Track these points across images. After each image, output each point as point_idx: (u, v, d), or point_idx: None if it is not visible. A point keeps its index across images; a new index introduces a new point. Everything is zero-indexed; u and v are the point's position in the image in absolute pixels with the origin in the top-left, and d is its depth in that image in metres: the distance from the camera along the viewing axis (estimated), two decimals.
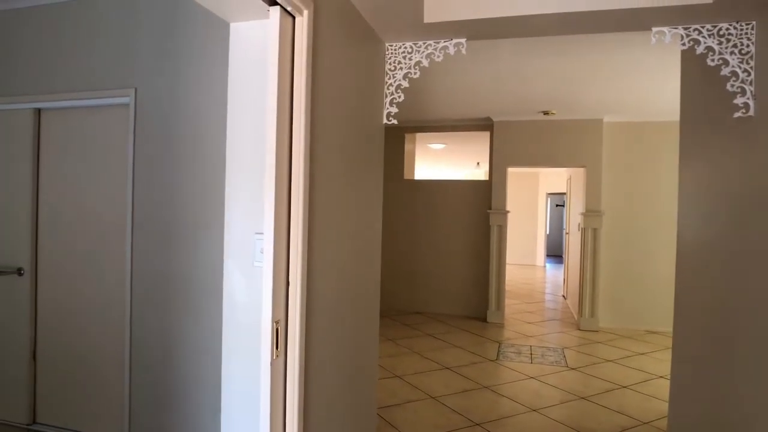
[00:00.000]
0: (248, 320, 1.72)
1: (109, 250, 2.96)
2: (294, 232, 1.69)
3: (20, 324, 3.16)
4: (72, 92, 2.99)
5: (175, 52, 2.71)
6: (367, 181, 2.55)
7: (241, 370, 1.73)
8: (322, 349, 1.99)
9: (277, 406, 1.64)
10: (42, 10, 3.08)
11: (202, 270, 2.64)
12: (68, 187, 3.09)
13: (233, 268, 1.74)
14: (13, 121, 3.18)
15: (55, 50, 3.05)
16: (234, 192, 1.74)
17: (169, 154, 2.73)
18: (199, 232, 2.64)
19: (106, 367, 2.96)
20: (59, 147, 3.12)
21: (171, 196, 2.72)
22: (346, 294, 2.27)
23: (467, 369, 4.58)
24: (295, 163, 1.69)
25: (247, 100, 1.72)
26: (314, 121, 1.81)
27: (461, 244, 6.92)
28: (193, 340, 2.67)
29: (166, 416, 2.73)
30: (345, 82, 2.15)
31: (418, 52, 2.62)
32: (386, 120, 2.69)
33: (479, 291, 6.78)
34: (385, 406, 3.64)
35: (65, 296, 3.09)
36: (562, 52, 3.72)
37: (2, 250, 3.22)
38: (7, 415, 3.19)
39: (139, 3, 2.82)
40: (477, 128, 6.85)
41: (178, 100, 2.71)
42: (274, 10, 1.58)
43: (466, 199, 6.93)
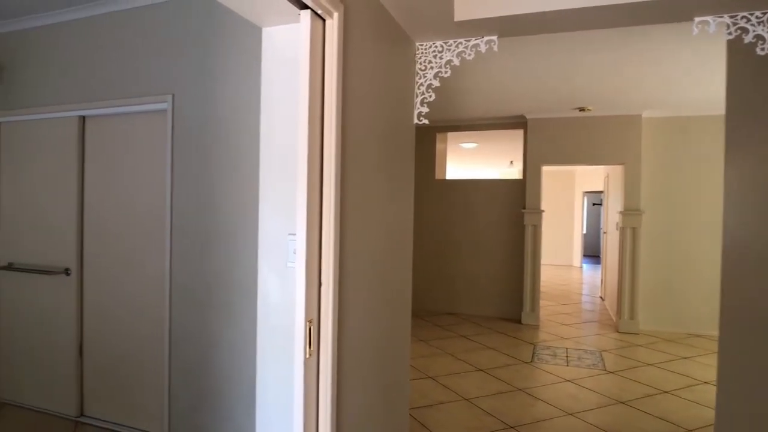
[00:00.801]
0: (282, 320, 1.74)
1: (149, 251, 3.06)
2: (326, 232, 1.71)
3: (68, 321, 3.30)
4: (113, 99, 3.10)
5: (210, 57, 2.78)
6: (398, 182, 2.55)
7: (275, 369, 1.75)
8: (354, 349, 2.00)
9: (310, 405, 1.66)
10: (83, 23, 3.21)
11: (237, 270, 2.69)
12: (110, 190, 3.21)
13: (267, 269, 1.77)
14: (60, 128, 3.33)
15: (96, 60, 3.17)
16: (267, 194, 1.77)
17: (205, 158, 2.80)
18: (235, 233, 2.69)
19: (147, 364, 3.05)
20: (102, 152, 3.24)
21: (207, 198, 2.79)
22: (377, 294, 2.27)
23: (501, 371, 4.52)
24: (326, 165, 1.71)
25: (279, 104, 1.75)
26: (345, 122, 1.83)
27: (495, 245, 6.84)
28: (229, 339, 2.72)
29: (204, 413, 2.80)
30: (375, 83, 2.16)
31: (448, 50, 2.60)
32: (417, 120, 2.68)
33: (513, 292, 6.69)
34: (417, 407, 3.63)
35: (109, 296, 3.21)
36: (598, 46, 3.63)
37: (51, 251, 3.37)
38: (59, 408, 3.34)
39: (174, 12, 2.90)
40: (510, 126, 6.76)
41: (213, 105, 2.77)
42: (304, 14, 1.60)
43: (500, 198, 6.84)
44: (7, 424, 3.21)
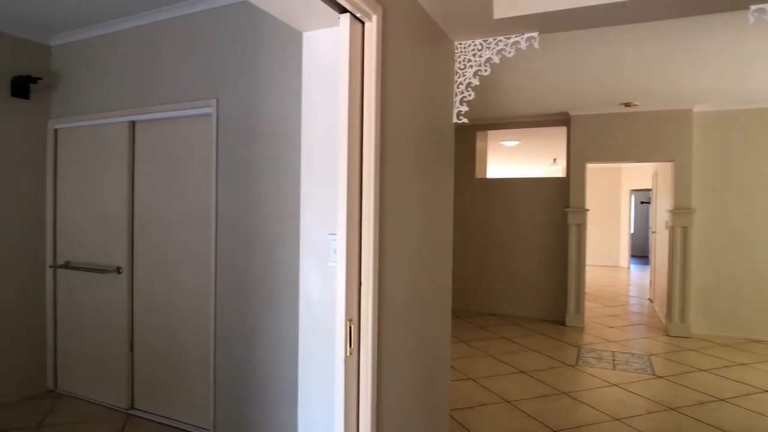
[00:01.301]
0: (323, 318, 1.77)
1: (195, 250, 3.17)
2: (365, 232, 1.73)
3: (119, 317, 3.46)
4: (161, 105, 3.23)
5: (253, 62, 2.85)
6: (438, 181, 2.54)
7: (317, 366, 1.79)
8: (394, 348, 2.01)
9: (351, 402, 1.68)
10: (133, 33, 3.36)
11: (279, 269, 2.75)
12: (158, 192, 3.34)
13: (308, 268, 1.80)
14: (112, 133, 3.49)
15: (145, 67, 3.31)
16: (308, 194, 1.81)
17: (248, 159, 2.88)
18: (278, 233, 2.76)
19: (194, 359, 3.16)
20: (150, 156, 3.38)
21: (251, 198, 2.87)
22: (417, 294, 2.28)
23: (544, 373, 4.44)
24: (366, 166, 1.73)
25: (319, 106, 1.78)
26: (384, 123, 1.84)
27: (537, 244, 6.71)
28: (271, 337, 2.79)
29: (248, 407, 2.88)
30: (414, 83, 2.17)
31: (488, 48, 2.58)
32: (456, 119, 2.67)
33: (557, 293, 6.54)
34: (457, 409, 3.61)
35: (157, 294, 3.34)
36: (646, 39, 3.50)
37: (104, 250, 3.54)
38: (111, 400, 3.51)
39: (218, 19, 3.00)
40: (553, 123, 6.61)
41: (256, 108, 2.85)
42: (344, 18, 1.63)
43: (542, 197, 6.71)
44: (65, 414, 3.40)
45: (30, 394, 3.69)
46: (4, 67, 3.48)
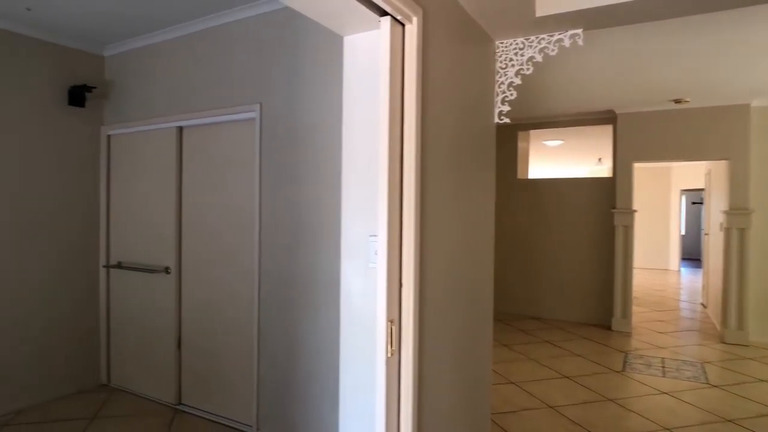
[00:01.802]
0: (364, 319, 1.78)
1: (240, 251, 3.25)
2: (406, 234, 1.73)
3: (168, 316, 3.59)
4: (207, 110, 3.33)
5: (295, 67, 2.91)
6: (479, 182, 2.52)
7: (358, 366, 1.80)
8: (435, 350, 2.00)
9: (392, 403, 1.69)
10: (179, 41, 3.48)
11: (321, 269, 2.79)
12: (205, 195, 3.44)
13: (349, 269, 1.82)
14: (161, 138, 3.63)
15: (192, 75, 3.42)
16: (349, 196, 1.82)
17: (290, 162, 2.93)
18: (319, 234, 2.80)
19: (238, 357, 3.24)
20: (197, 160, 3.49)
21: (293, 200, 2.92)
22: (457, 296, 2.26)
23: (589, 379, 4.31)
24: (406, 167, 1.73)
25: (360, 109, 1.79)
26: (424, 124, 1.84)
27: (582, 246, 6.53)
28: (313, 336, 2.83)
29: (290, 405, 2.93)
30: (454, 84, 2.15)
31: (530, 47, 2.53)
32: (498, 119, 2.64)
33: (603, 297, 6.35)
34: (499, 413, 3.56)
35: (203, 293, 3.45)
36: (698, 31, 3.36)
37: (154, 251, 3.68)
38: (160, 395, 3.64)
39: (261, 26, 3.07)
40: (598, 122, 6.43)
41: (298, 111, 2.90)
42: (384, 21, 1.64)
43: (587, 197, 6.53)
44: (117, 407, 3.55)
45: (85, 387, 3.87)
46: (63, 78, 3.68)
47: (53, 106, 3.63)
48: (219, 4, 3.08)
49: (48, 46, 3.59)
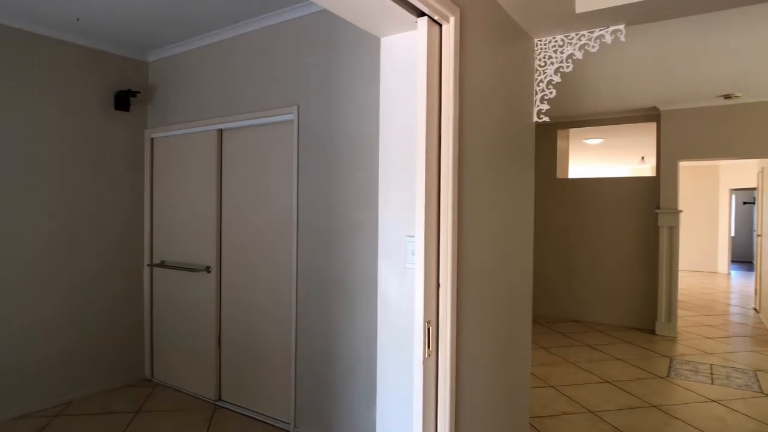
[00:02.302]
0: (401, 319, 1.78)
1: (278, 251, 3.30)
2: (444, 235, 1.72)
3: (208, 314, 3.68)
4: (246, 113, 3.40)
5: (332, 69, 2.93)
6: (517, 182, 2.48)
7: (395, 366, 1.80)
8: (472, 351, 1.98)
9: (429, 404, 1.68)
10: (219, 46, 3.56)
11: (358, 269, 2.81)
12: (244, 195, 3.52)
13: (387, 269, 1.82)
14: (202, 141, 3.73)
15: (232, 78, 3.50)
16: (386, 196, 1.83)
17: (327, 162, 2.96)
18: (356, 234, 2.81)
19: (276, 355, 3.30)
20: (237, 161, 3.56)
21: (330, 201, 2.95)
22: (495, 297, 2.23)
23: (631, 384, 4.18)
24: (443, 167, 1.72)
25: (397, 109, 1.79)
26: (462, 124, 1.83)
27: (624, 248, 6.34)
28: (350, 336, 2.85)
29: (327, 404, 2.96)
30: (492, 83, 2.13)
31: (570, 44, 2.48)
32: (537, 118, 2.59)
33: (646, 300, 6.15)
34: (537, 416, 3.49)
35: (243, 292, 3.52)
36: (748, 23, 3.21)
37: (195, 250, 3.78)
38: (200, 391, 3.74)
39: (299, 29, 3.11)
40: (641, 119, 6.23)
41: (335, 113, 2.92)
42: (421, 21, 1.63)
43: (630, 197, 6.34)
44: (160, 401, 3.67)
45: (131, 381, 4.02)
46: (109, 83, 3.83)
47: (100, 110, 3.79)
48: (257, 9, 3.15)
49: (95, 53, 3.74)
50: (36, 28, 3.39)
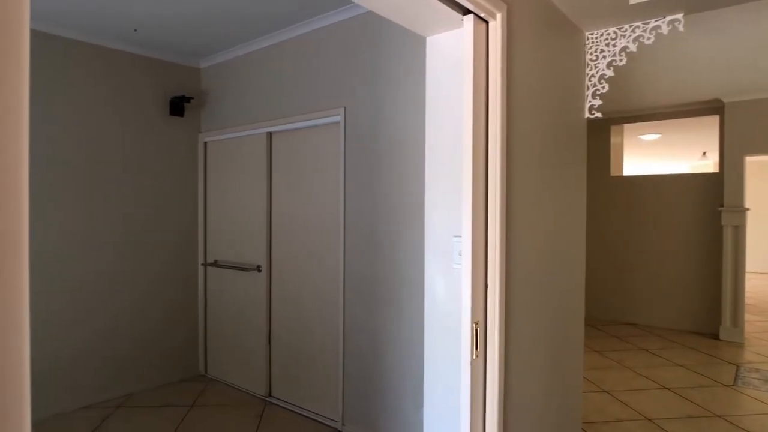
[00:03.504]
0: (448, 319, 1.77)
1: (326, 250, 3.35)
2: (491, 235, 1.69)
3: (259, 312, 3.78)
4: (294, 116, 3.47)
5: (377, 69, 2.95)
6: (568, 181, 2.40)
7: (442, 367, 1.79)
8: (521, 353, 1.94)
9: (477, 406, 1.66)
10: (268, 51, 3.65)
11: (405, 269, 2.80)
12: (293, 196, 3.59)
13: (433, 269, 1.81)
14: (252, 144, 3.83)
15: (280, 82, 3.58)
16: (433, 196, 1.82)
17: (374, 163, 2.97)
18: (402, 234, 2.81)
19: (324, 355, 3.34)
20: (285, 163, 3.64)
21: (377, 200, 2.96)
22: (545, 298, 2.18)
23: (693, 392, 3.97)
24: (491, 166, 1.69)
25: (443, 109, 1.78)
26: (510, 123, 1.79)
27: (684, 248, 6.04)
28: (397, 335, 2.85)
29: (374, 403, 2.97)
30: (541, 80, 2.07)
31: (623, 36, 2.38)
32: (588, 114, 2.51)
33: (709, 303, 5.82)
34: (590, 422, 3.38)
35: (292, 291, 3.59)
36: None
37: (247, 250, 3.89)
38: (251, 387, 3.85)
39: (344, 31, 3.14)
40: (702, 113, 5.91)
41: (381, 113, 2.93)
42: (467, 19, 1.61)
43: (690, 195, 6.02)
44: (213, 396, 3.79)
45: (186, 377, 4.18)
46: (165, 90, 4.00)
47: (157, 116, 3.96)
48: (304, 14, 3.20)
49: (152, 61, 3.91)
50: (98, 40, 3.58)
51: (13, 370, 0.65)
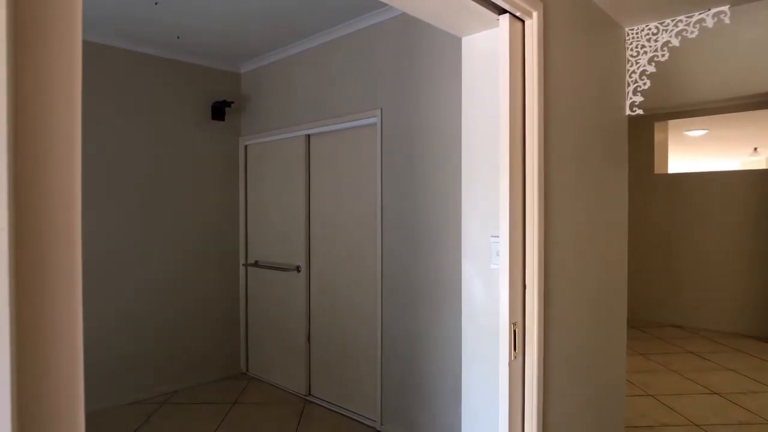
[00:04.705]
0: (486, 320, 1.76)
1: (364, 251, 3.38)
2: (529, 234, 1.68)
3: (298, 311, 3.85)
4: (332, 118, 3.52)
5: (412, 71, 2.96)
6: (609, 179, 2.36)
7: (480, 368, 1.78)
8: (561, 355, 1.91)
9: (515, 408, 1.65)
10: (306, 54, 3.71)
11: (442, 269, 2.81)
12: (331, 197, 3.64)
13: (470, 270, 1.81)
14: (291, 146, 3.91)
15: (317, 85, 3.64)
16: (470, 196, 1.82)
17: (410, 165, 2.99)
18: (439, 234, 2.82)
19: (362, 355, 3.38)
20: (323, 165, 3.70)
21: (413, 202, 2.97)
22: (586, 299, 2.14)
23: (745, 398, 3.81)
24: (528, 166, 1.68)
25: (479, 109, 1.78)
26: (547, 121, 1.77)
27: (734, 247, 5.79)
28: (434, 335, 2.85)
29: (412, 403, 2.98)
30: (579, 78, 2.04)
31: (665, 31, 2.31)
32: (630, 111, 2.45)
33: (762, 305, 5.56)
34: (634, 426, 3.29)
35: (330, 292, 3.64)
36: None
37: (286, 251, 3.97)
38: (292, 386, 3.92)
39: (380, 33, 3.17)
40: (753, 106, 5.65)
41: (417, 114, 2.95)
42: (503, 18, 1.61)
43: (741, 192, 5.77)
44: (254, 394, 3.89)
45: (228, 375, 4.30)
46: (206, 95, 4.13)
47: (199, 121, 4.09)
48: (340, 17, 3.25)
49: (194, 68, 4.05)
50: (141, 48, 3.74)
51: (70, 370, 0.70)
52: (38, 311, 0.65)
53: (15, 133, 0.61)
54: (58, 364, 0.67)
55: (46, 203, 0.65)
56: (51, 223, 0.66)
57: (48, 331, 0.66)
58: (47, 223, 0.66)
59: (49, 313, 0.66)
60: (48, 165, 0.66)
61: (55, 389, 0.67)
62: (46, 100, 0.65)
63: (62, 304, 0.68)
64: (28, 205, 0.64)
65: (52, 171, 0.66)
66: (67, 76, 0.67)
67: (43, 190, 0.65)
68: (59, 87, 0.67)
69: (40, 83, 0.64)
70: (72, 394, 0.69)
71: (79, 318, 0.69)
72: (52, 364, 0.66)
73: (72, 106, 0.68)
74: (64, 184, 0.68)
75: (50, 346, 0.66)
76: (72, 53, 0.68)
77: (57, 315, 0.67)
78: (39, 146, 0.65)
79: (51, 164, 0.66)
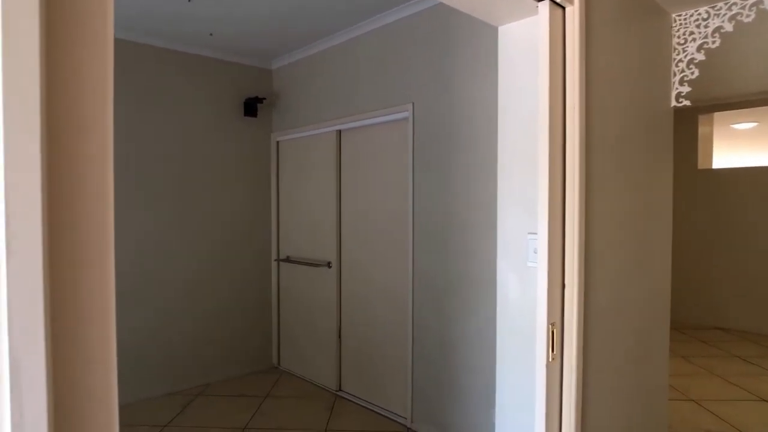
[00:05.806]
0: (522, 319, 1.70)
1: (396, 247, 3.35)
2: (569, 231, 1.61)
3: (329, 307, 3.85)
4: (363, 113, 3.49)
5: (446, 63, 2.90)
6: (653, 174, 2.25)
7: (515, 369, 1.73)
8: (601, 357, 1.84)
9: (552, 412, 1.59)
10: (336, 50, 3.69)
11: (475, 267, 2.74)
12: (362, 193, 3.61)
13: (506, 268, 1.75)
14: (322, 142, 3.90)
15: (348, 80, 3.61)
16: (506, 191, 1.76)
17: (443, 160, 2.93)
18: (473, 231, 2.75)
19: (393, 350, 3.35)
20: (354, 161, 3.67)
21: (446, 197, 2.92)
22: (627, 299, 2.05)
23: None
24: (569, 160, 1.61)
25: (517, 101, 1.71)
26: (589, 113, 1.69)
27: None
28: (467, 334, 2.80)
29: (442, 402, 2.94)
30: (622, 67, 1.95)
31: (717, 16, 2.18)
32: (675, 102, 2.33)
33: None
34: None
35: (361, 288, 3.62)
36: None
37: (317, 246, 3.97)
38: (322, 381, 3.93)
39: (411, 26, 3.11)
40: None
41: (450, 108, 2.88)
42: (543, 5, 1.54)
43: None
44: (285, 388, 3.91)
45: (260, 368, 4.34)
46: (239, 92, 4.16)
47: (232, 117, 4.13)
48: (372, 10, 3.21)
49: (226, 64, 4.08)
50: (174, 46, 3.78)
51: (105, 364, 0.69)
52: (72, 305, 0.64)
53: (48, 128, 0.61)
54: (93, 357, 0.67)
55: (80, 198, 0.65)
56: (85, 218, 0.66)
57: (83, 325, 0.65)
58: (81, 218, 0.65)
59: (83, 308, 0.66)
60: (81, 160, 0.65)
61: (90, 384, 0.66)
62: (78, 96, 0.65)
63: (95, 298, 0.67)
64: (62, 200, 0.63)
65: (85, 167, 0.66)
66: (99, 73, 0.67)
67: (76, 185, 0.65)
68: (91, 83, 0.66)
69: (72, 80, 0.64)
70: (106, 385, 0.68)
71: (112, 311, 0.69)
72: (87, 358, 0.66)
73: (104, 102, 0.67)
74: (97, 179, 0.67)
75: (85, 340, 0.66)
76: (104, 51, 0.67)
77: (90, 310, 0.66)
78: (71, 141, 0.64)
79: (84, 160, 0.66)
